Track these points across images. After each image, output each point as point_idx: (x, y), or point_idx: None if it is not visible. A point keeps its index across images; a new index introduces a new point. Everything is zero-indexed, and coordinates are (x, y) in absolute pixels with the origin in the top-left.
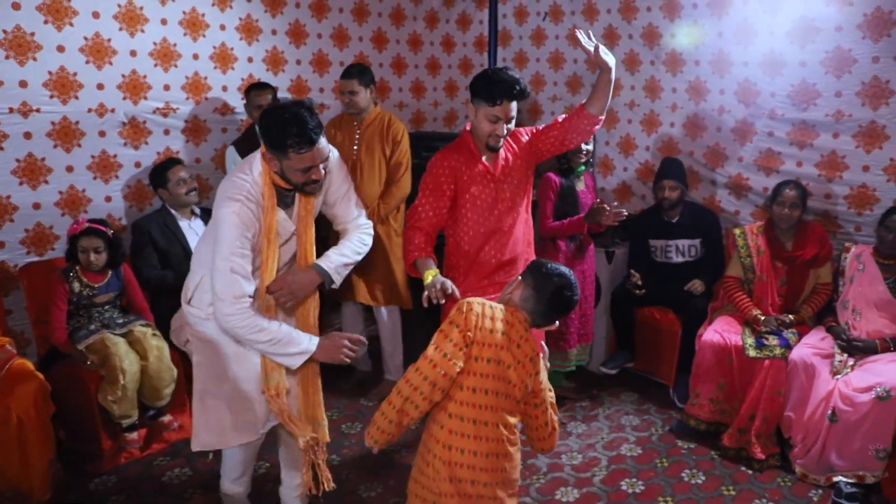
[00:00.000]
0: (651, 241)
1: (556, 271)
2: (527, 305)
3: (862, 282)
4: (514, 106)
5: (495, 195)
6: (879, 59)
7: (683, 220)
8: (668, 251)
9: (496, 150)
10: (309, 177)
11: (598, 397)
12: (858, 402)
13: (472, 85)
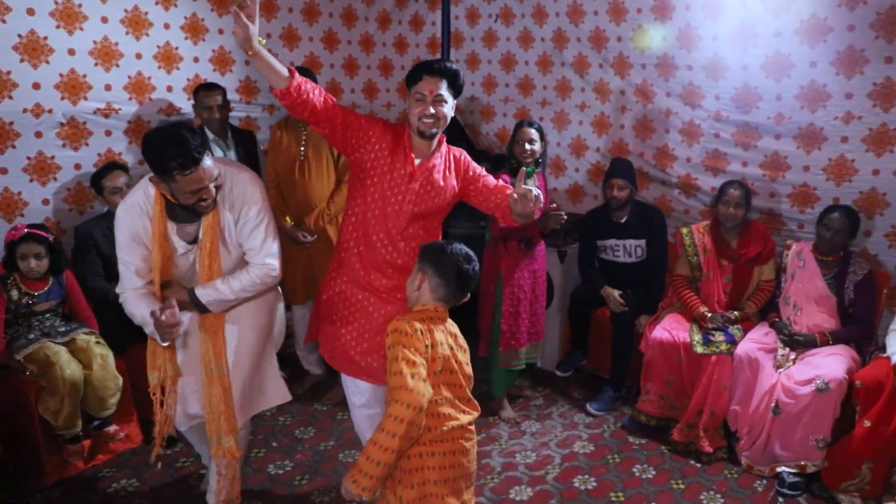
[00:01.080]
0: (599, 241)
1: (448, 249)
2: (439, 293)
3: (802, 278)
4: (442, 86)
5: (406, 187)
6: (817, 64)
7: (631, 221)
8: (616, 251)
9: (429, 137)
10: (199, 196)
11: (551, 396)
12: (800, 395)
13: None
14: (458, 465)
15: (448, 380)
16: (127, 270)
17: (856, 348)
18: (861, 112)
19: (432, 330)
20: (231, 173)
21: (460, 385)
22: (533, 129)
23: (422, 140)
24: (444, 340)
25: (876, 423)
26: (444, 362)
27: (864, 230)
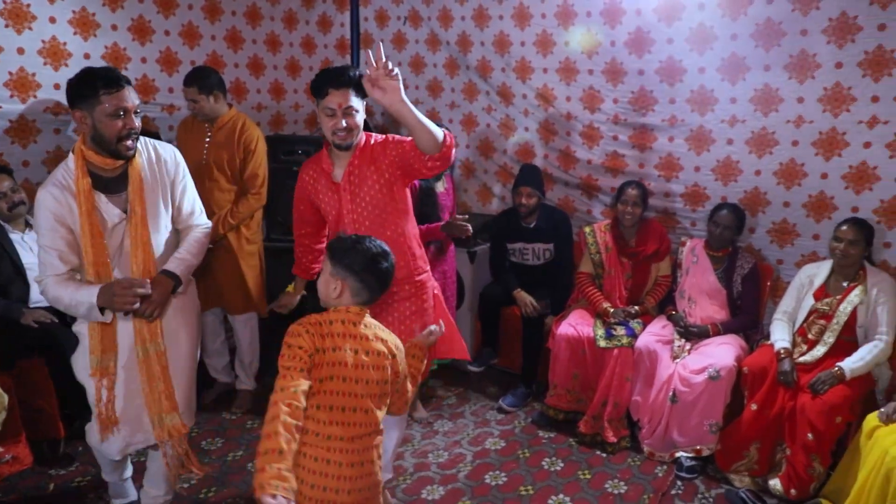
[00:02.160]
0: (508, 243)
1: (361, 248)
2: (362, 297)
3: (696, 273)
4: (350, 96)
5: (339, 206)
6: (705, 70)
7: (540, 225)
8: (525, 254)
9: (346, 149)
10: (124, 124)
11: (464, 394)
12: (694, 383)
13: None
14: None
15: (338, 388)
16: (48, 255)
17: (744, 337)
18: (744, 116)
19: (332, 335)
20: (150, 140)
21: (357, 395)
22: None
23: (341, 151)
24: (346, 347)
25: (761, 406)
26: (334, 370)
27: (749, 227)
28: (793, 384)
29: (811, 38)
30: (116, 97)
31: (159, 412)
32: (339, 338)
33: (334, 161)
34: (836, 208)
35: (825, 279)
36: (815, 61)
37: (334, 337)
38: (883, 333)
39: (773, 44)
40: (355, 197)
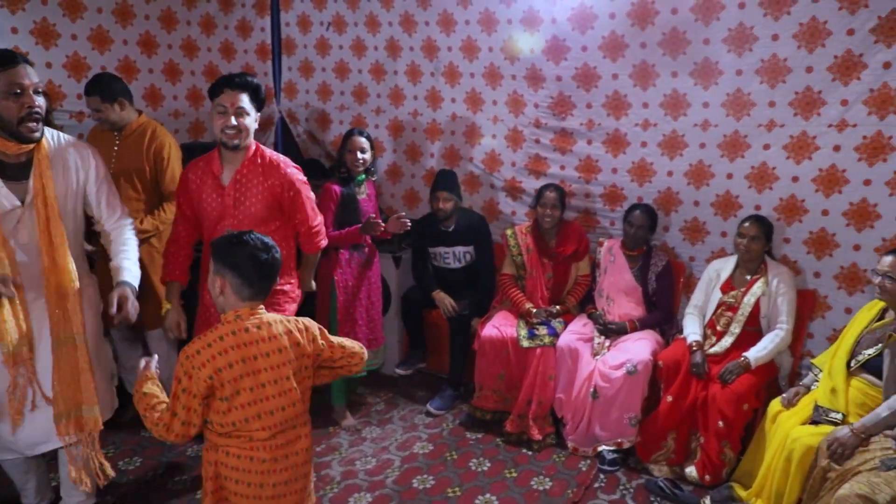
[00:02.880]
0: (429, 247)
1: (240, 242)
2: (245, 293)
3: (613, 272)
4: (243, 98)
5: (222, 209)
6: (619, 76)
7: (458, 229)
8: (446, 257)
9: (234, 149)
10: (23, 103)
11: (393, 399)
12: (613, 379)
13: None
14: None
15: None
16: None
17: (660, 332)
18: (656, 120)
19: (227, 350)
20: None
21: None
22: (363, 137)
23: (229, 152)
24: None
25: (676, 398)
26: (239, 384)
27: (664, 226)
28: (704, 375)
29: (714, 47)
30: (13, 73)
31: (78, 402)
32: (235, 350)
33: (224, 164)
34: (741, 206)
35: (731, 273)
36: (718, 68)
37: (229, 352)
38: (783, 322)
39: (679, 52)
40: (239, 203)
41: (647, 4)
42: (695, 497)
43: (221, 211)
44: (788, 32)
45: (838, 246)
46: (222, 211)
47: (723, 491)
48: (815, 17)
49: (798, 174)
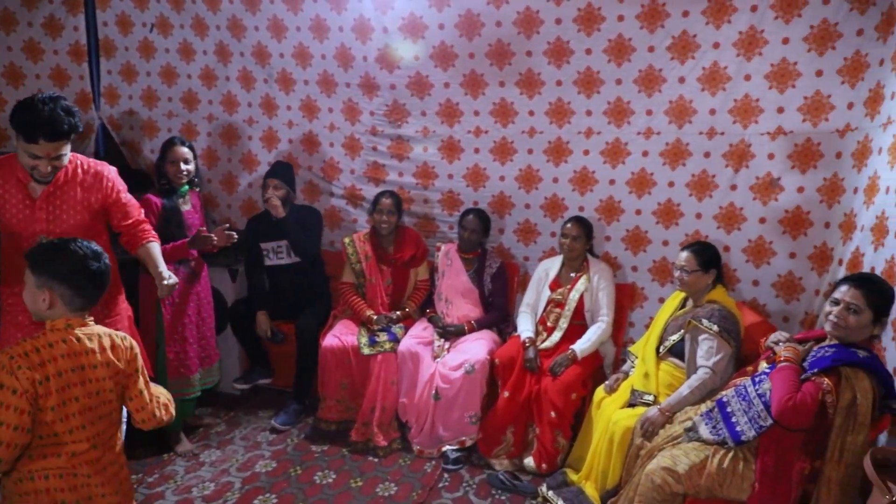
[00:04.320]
0: (262, 243)
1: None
2: (76, 304)
3: (450, 275)
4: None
5: (32, 224)
6: (450, 85)
7: (290, 219)
8: (280, 252)
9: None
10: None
11: (235, 419)
12: (454, 379)
13: (12, 113)
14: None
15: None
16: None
17: (497, 331)
18: (487, 127)
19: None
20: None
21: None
22: (185, 147)
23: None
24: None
25: (513, 393)
26: (65, 394)
27: (499, 228)
28: (537, 369)
29: (536, 59)
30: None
31: None
32: (64, 359)
33: None
34: (567, 208)
35: (558, 272)
36: (541, 79)
37: (57, 361)
38: (604, 315)
39: (505, 63)
40: (55, 218)
41: (473, 17)
42: (532, 486)
43: (32, 225)
44: (600, 47)
45: (651, 242)
46: (33, 225)
47: (557, 477)
48: (622, 35)
49: (614, 177)
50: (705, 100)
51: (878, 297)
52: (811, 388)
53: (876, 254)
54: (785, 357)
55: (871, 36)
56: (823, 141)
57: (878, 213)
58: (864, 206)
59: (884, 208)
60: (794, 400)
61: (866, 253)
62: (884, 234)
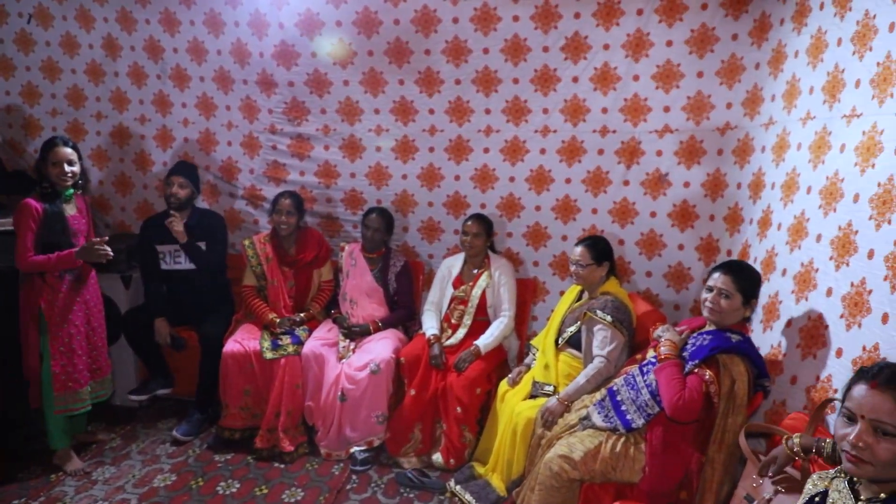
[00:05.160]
0: (159, 246)
1: None
2: None
3: (355, 275)
4: None
5: None
6: (350, 83)
7: (191, 223)
8: (177, 256)
9: None
10: None
11: (131, 433)
12: (359, 380)
13: None
14: None
15: None
16: None
17: (403, 329)
18: (387, 125)
19: None
20: None
21: None
22: (69, 147)
23: None
24: None
25: (419, 391)
26: None
27: (403, 226)
28: (443, 366)
29: (434, 58)
30: None
31: None
32: None
33: None
34: (469, 206)
35: (460, 269)
36: (440, 77)
37: None
38: (506, 310)
39: (403, 61)
40: None
41: (370, 14)
42: (440, 482)
43: None
44: (497, 47)
45: (550, 237)
46: None
47: (465, 471)
48: (517, 35)
49: (514, 175)
50: (598, 99)
51: (746, 281)
52: (695, 383)
53: (760, 245)
54: (665, 354)
55: (746, 41)
56: (706, 138)
57: (763, 208)
58: (751, 201)
59: (769, 202)
60: (683, 398)
61: (753, 245)
62: (767, 226)
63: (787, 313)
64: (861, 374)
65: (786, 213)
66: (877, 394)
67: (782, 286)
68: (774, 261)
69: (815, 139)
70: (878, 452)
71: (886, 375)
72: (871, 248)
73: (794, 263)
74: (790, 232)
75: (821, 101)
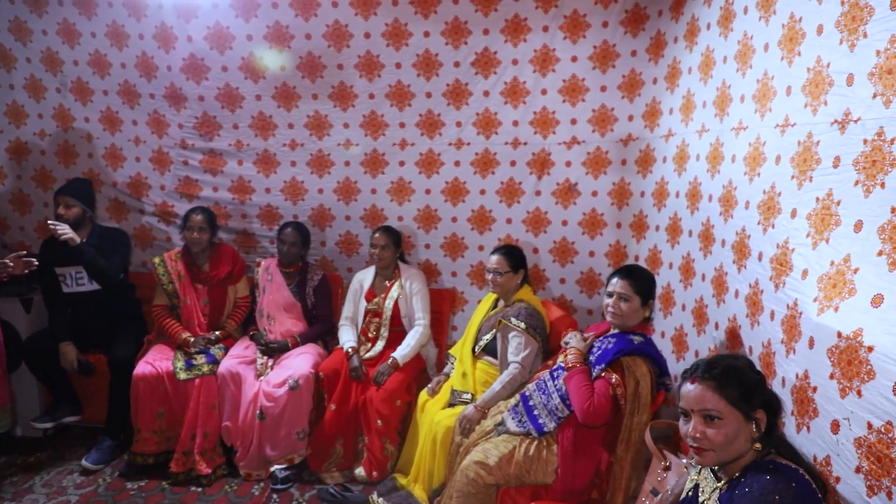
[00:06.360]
0: (58, 268)
1: None
2: None
3: (272, 290)
4: None
5: None
6: (262, 97)
7: (92, 242)
8: (80, 278)
9: None
10: None
11: (34, 465)
12: (278, 397)
13: None
14: None
15: None
16: None
17: (323, 344)
18: (302, 140)
19: None
20: None
21: None
22: None
23: None
24: None
25: (339, 405)
26: None
27: (321, 241)
28: (363, 378)
29: (347, 73)
30: None
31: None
32: None
33: None
34: (386, 218)
35: (372, 281)
36: (353, 92)
37: None
38: (420, 318)
39: (317, 75)
40: None
41: (282, 28)
42: (363, 495)
43: None
44: (409, 61)
45: (467, 248)
46: None
47: (388, 483)
48: (429, 50)
49: (429, 187)
50: (508, 112)
51: (643, 283)
52: (602, 388)
53: (673, 251)
54: (572, 363)
55: (644, 57)
56: (611, 149)
57: (670, 215)
58: (655, 209)
59: (675, 210)
60: (593, 404)
61: (664, 250)
62: (678, 233)
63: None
64: (683, 375)
65: (693, 221)
66: (697, 387)
67: (704, 290)
68: (692, 266)
69: (710, 150)
70: (712, 437)
71: (702, 369)
72: (759, 250)
73: (708, 268)
74: (700, 238)
75: (713, 114)
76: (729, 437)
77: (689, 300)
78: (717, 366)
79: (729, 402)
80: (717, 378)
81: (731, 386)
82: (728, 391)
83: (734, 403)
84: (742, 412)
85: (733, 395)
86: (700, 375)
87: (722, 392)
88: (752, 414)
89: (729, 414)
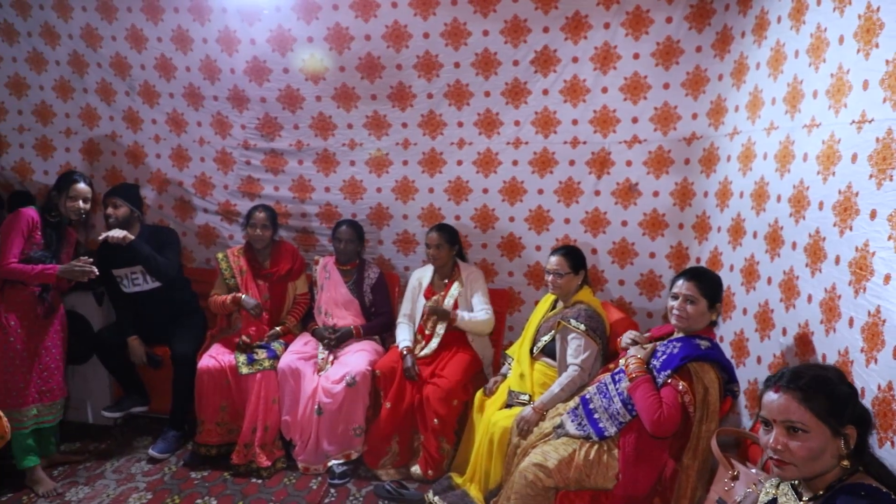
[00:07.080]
0: (115, 270)
1: None
2: None
3: (329, 287)
4: None
5: None
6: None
7: (142, 240)
8: (135, 279)
9: None
10: None
11: (105, 451)
12: (336, 393)
13: None
14: None
15: None
16: None
17: (380, 340)
18: (362, 139)
19: None
20: None
21: None
22: (86, 184)
23: None
24: None
25: (395, 403)
26: None
27: (378, 239)
28: (416, 378)
29: (406, 73)
30: None
31: None
32: None
33: None
34: (444, 217)
35: (430, 280)
36: (412, 92)
37: None
38: (483, 306)
39: (375, 76)
40: None
41: (342, 30)
42: (419, 493)
43: None
44: (467, 61)
45: (524, 248)
46: None
47: (443, 482)
48: (488, 49)
49: (487, 186)
50: (568, 111)
51: (710, 286)
52: (670, 396)
53: (735, 252)
54: (634, 372)
55: (709, 53)
56: (673, 148)
57: (733, 216)
58: (718, 209)
59: (739, 211)
60: (663, 415)
61: (724, 252)
62: (741, 234)
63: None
64: (766, 382)
65: (759, 222)
66: (781, 396)
67: (770, 294)
68: (757, 269)
69: (779, 149)
70: (795, 451)
71: (787, 378)
72: (836, 253)
73: (776, 271)
74: (767, 240)
75: (783, 111)
76: (813, 451)
77: (752, 304)
78: (804, 375)
79: (815, 416)
80: (803, 389)
81: (818, 398)
82: (815, 403)
83: (821, 417)
84: (830, 427)
85: (821, 407)
86: (785, 385)
87: (808, 404)
88: (840, 429)
89: (815, 427)
